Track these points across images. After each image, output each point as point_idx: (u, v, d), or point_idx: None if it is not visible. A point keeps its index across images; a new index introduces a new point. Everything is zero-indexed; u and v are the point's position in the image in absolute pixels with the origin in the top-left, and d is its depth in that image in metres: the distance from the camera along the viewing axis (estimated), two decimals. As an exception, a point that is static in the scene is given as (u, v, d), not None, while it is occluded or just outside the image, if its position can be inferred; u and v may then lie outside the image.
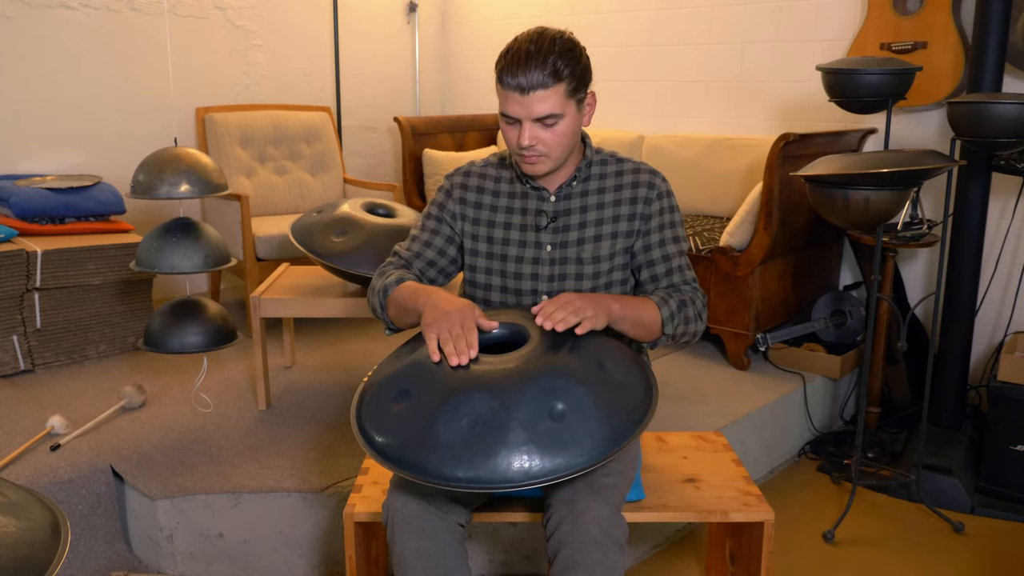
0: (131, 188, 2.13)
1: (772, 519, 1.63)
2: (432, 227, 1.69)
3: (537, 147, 1.50)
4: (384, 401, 1.37)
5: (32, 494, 0.90)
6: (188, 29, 3.73)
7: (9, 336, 2.76)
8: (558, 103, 1.47)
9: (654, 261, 1.61)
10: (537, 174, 1.56)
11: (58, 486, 2.08)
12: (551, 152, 1.52)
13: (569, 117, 1.50)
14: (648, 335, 1.53)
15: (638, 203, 1.60)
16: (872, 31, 3.01)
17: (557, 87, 1.46)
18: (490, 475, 1.23)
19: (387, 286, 1.58)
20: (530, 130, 1.48)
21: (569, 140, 1.53)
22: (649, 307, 1.52)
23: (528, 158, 1.52)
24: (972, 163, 2.59)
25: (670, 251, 1.62)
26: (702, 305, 1.60)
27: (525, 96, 1.45)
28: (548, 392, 1.29)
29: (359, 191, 3.85)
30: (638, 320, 1.50)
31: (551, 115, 1.47)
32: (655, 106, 3.89)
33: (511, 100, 1.47)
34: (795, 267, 3.07)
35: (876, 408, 2.92)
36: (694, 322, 1.58)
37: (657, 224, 1.61)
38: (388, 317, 1.60)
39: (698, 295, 1.60)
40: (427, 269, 1.67)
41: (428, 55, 4.72)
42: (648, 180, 1.61)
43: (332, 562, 2.09)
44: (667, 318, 1.52)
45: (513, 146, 1.53)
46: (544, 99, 1.45)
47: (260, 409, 2.53)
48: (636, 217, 1.60)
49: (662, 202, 1.62)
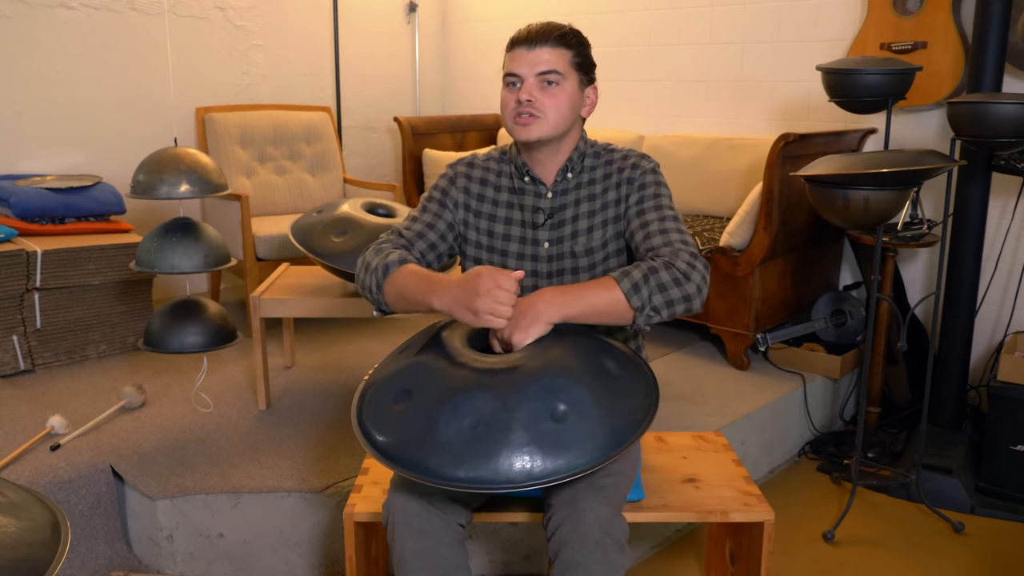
0: (131, 188, 2.13)
1: (772, 519, 1.63)
2: (435, 210, 1.66)
3: (534, 105, 1.51)
4: (385, 400, 1.37)
5: (32, 494, 0.90)
6: (188, 29, 3.73)
7: (9, 336, 2.76)
8: (562, 64, 1.52)
9: (634, 231, 1.54)
10: (528, 138, 1.54)
11: (58, 486, 2.08)
12: (546, 114, 1.52)
13: (570, 86, 1.53)
14: (618, 317, 1.39)
15: (622, 186, 1.59)
16: (872, 31, 3.01)
17: (563, 51, 1.53)
18: (491, 475, 1.23)
19: (388, 265, 1.50)
20: (530, 87, 1.51)
21: (566, 111, 1.54)
22: (604, 288, 1.39)
23: (522, 118, 1.52)
24: (972, 163, 2.59)
25: (649, 218, 1.52)
26: (687, 266, 1.40)
27: (531, 51, 1.52)
28: (549, 392, 1.29)
29: (359, 191, 3.86)
30: (592, 308, 1.39)
31: (553, 71, 1.51)
32: (655, 106, 3.89)
33: (516, 57, 1.53)
34: (795, 267, 3.07)
35: (876, 408, 2.92)
36: (675, 286, 1.38)
37: (637, 198, 1.57)
38: (383, 298, 1.52)
39: (679, 256, 1.42)
40: (428, 252, 1.63)
41: (428, 55, 4.73)
42: (633, 163, 1.60)
43: (332, 562, 2.09)
44: (629, 290, 1.37)
45: (510, 110, 1.55)
46: (550, 55, 1.52)
47: (260, 409, 2.53)
48: (621, 200, 1.59)
49: (644, 178, 1.58)
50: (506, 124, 1.58)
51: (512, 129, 1.56)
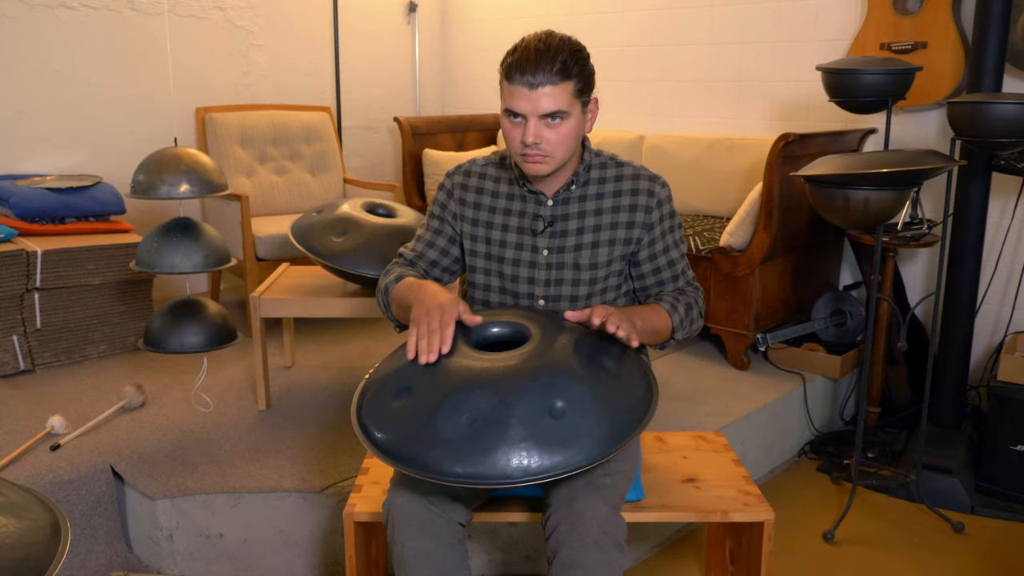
0: (131, 188, 2.13)
1: (772, 519, 1.63)
2: (435, 227, 1.69)
3: (541, 146, 1.49)
4: (385, 398, 1.38)
5: (32, 494, 0.90)
6: (188, 29, 3.73)
7: (9, 336, 2.76)
8: (565, 101, 1.47)
9: (660, 268, 1.66)
10: (539, 174, 1.55)
11: (58, 486, 2.08)
12: (554, 152, 1.50)
13: (574, 118, 1.50)
14: (659, 340, 1.59)
15: (638, 211, 1.60)
16: (872, 31, 3.01)
17: (566, 85, 1.46)
18: (489, 471, 1.24)
19: (388, 285, 1.62)
20: (535, 127, 1.47)
21: (572, 142, 1.52)
22: (661, 316, 1.57)
23: (531, 157, 1.51)
24: (972, 163, 2.59)
25: (674, 256, 1.66)
26: (703, 303, 1.67)
27: (534, 91, 1.45)
28: (548, 389, 1.29)
29: (359, 191, 3.86)
30: (653, 331, 1.54)
31: (558, 111, 1.46)
32: (655, 106, 3.89)
33: (518, 95, 1.46)
34: (795, 267, 3.07)
35: (876, 408, 2.92)
36: (697, 321, 1.65)
37: (660, 232, 1.63)
38: (392, 316, 1.63)
39: (699, 294, 1.67)
40: (431, 269, 1.69)
41: (428, 55, 4.73)
42: (648, 188, 1.61)
43: (332, 562, 2.09)
44: (678, 324, 1.58)
45: (516, 145, 1.52)
46: (552, 95, 1.45)
47: (260, 409, 2.53)
48: (636, 225, 1.60)
49: (662, 209, 1.62)
50: (514, 156, 1.56)
51: (521, 164, 1.55)
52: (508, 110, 1.50)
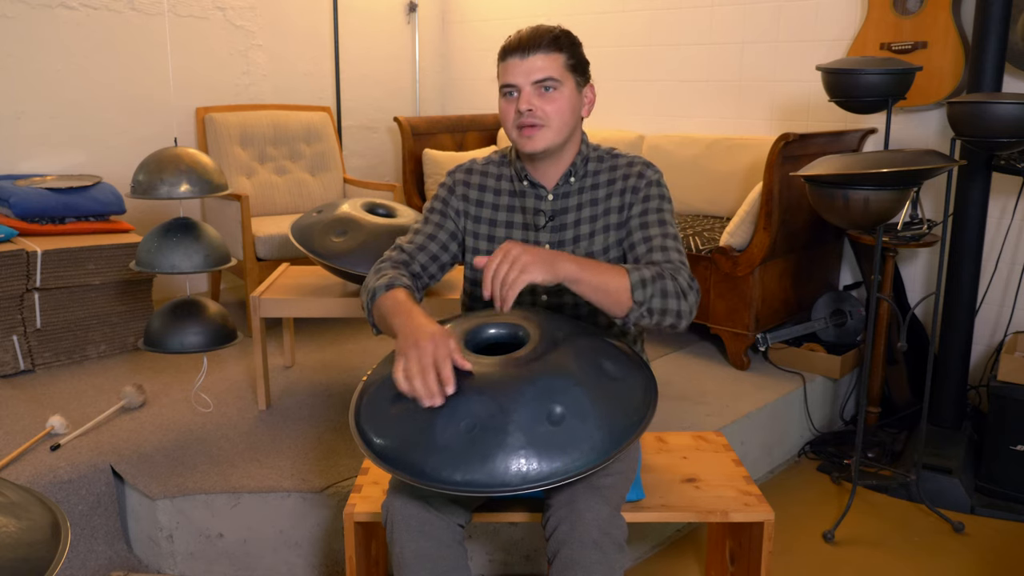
0: (131, 188, 2.13)
1: (772, 519, 1.63)
2: (436, 221, 1.68)
3: (535, 113, 1.50)
4: (382, 402, 1.37)
5: (32, 494, 0.90)
6: (188, 29, 3.73)
7: (9, 336, 2.76)
8: (557, 70, 1.51)
9: (635, 243, 1.56)
10: (535, 150, 1.54)
11: (58, 486, 2.08)
12: (548, 121, 1.51)
13: (568, 90, 1.52)
14: (615, 304, 1.39)
15: (627, 193, 1.59)
16: (872, 31, 3.01)
17: (557, 55, 1.51)
18: (487, 479, 1.23)
19: (376, 290, 1.52)
20: (528, 95, 1.50)
21: (568, 116, 1.53)
22: (616, 273, 1.39)
23: (526, 130, 1.51)
24: (972, 163, 2.59)
25: (652, 233, 1.54)
26: (687, 284, 1.44)
27: (525, 59, 1.50)
28: (547, 394, 1.28)
29: (359, 191, 3.86)
30: (600, 285, 1.37)
31: (550, 78, 1.50)
32: (655, 106, 3.89)
33: (511, 67, 1.52)
34: (795, 267, 3.07)
35: (876, 408, 2.92)
36: (675, 297, 1.41)
37: (640, 209, 1.58)
38: (373, 322, 1.55)
39: (682, 272, 1.46)
40: (429, 264, 1.66)
41: (428, 55, 4.73)
42: (639, 171, 1.60)
43: (332, 562, 2.09)
44: (636, 283, 1.38)
45: (511, 121, 1.53)
46: (544, 61, 1.50)
47: (260, 409, 2.53)
48: (624, 207, 1.59)
49: (649, 189, 1.59)
50: (510, 136, 1.57)
51: (517, 141, 1.55)
52: (503, 87, 1.54)
